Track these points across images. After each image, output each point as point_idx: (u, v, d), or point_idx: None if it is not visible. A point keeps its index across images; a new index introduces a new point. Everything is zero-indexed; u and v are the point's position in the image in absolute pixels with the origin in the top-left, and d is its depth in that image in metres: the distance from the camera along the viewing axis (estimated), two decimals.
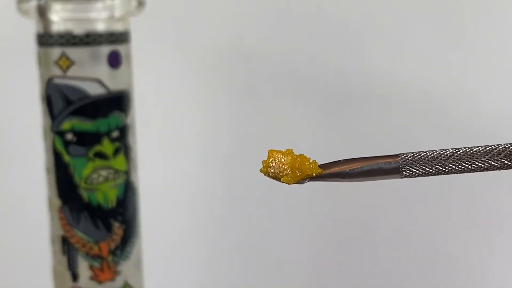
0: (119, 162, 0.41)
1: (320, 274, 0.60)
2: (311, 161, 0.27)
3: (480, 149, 0.26)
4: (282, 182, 0.27)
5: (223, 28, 0.56)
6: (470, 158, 0.26)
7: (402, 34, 0.55)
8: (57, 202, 0.41)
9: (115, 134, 0.40)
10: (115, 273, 0.42)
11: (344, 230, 0.59)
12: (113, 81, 0.40)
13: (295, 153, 0.27)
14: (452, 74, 0.55)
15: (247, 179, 0.58)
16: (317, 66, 0.56)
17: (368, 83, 0.56)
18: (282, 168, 0.27)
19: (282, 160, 0.27)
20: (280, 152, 0.27)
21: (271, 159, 0.27)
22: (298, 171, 0.26)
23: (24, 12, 0.40)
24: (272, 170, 0.27)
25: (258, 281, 0.60)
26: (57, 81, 0.39)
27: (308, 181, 0.27)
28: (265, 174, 0.27)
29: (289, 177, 0.26)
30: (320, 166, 0.27)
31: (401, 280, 0.59)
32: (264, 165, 0.27)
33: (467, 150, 0.26)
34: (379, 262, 0.59)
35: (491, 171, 0.26)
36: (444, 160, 0.26)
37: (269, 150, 0.27)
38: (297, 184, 0.27)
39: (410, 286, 0.59)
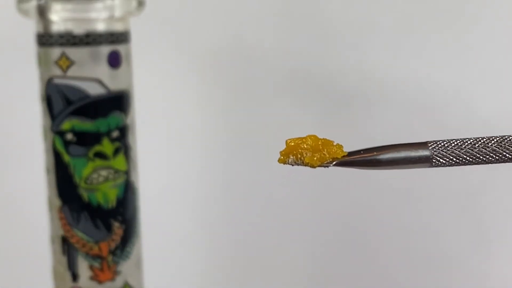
0: (119, 162, 0.41)
1: (321, 274, 0.60)
2: (335, 144, 0.26)
3: None
4: (306, 164, 0.25)
5: (223, 28, 0.56)
6: (502, 146, 0.25)
7: (402, 33, 0.55)
8: (57, 202, 0.41)
9: (115, 134, 0.40)
10: (115, 273, 0.42)
11: (345, 229, 0.59)
12: (113, 81, 0.40)
13: (316, 136, 0.26)
14: (452, 74, 0.55)
15: (247, 179, 0.58)
16: (317, 65, 0.56)
17: (368, 83, 0.56)
18: (304, 152, 0.26)
19: (303, 145, 0.26)
20: (298, 138, 0.26)
21: (296, 149, 0.25)
22: (324, 152, 0.26)
23: (24, 12, 0.40)
24: (291, 157, 0.26)
25: (258, 281, 0.60)
26: (57, 81, 0.39)
27: (334, 165, 0.26)
28: (284, 163, 0.26)
29: (315, 157, 0.25)
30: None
31: (400, 280, 0.59)
32: (282, 153, 0.26)
33: (499, 139, 0.25)
34: (379, 262, 0.59)
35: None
36: (475, 149, 0.25)
37: (286, 140, 0.26)
38: (322, 167, 0.26)
39: (410, 286, 0.59)
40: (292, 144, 0.26)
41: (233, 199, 0.59)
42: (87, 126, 0.39)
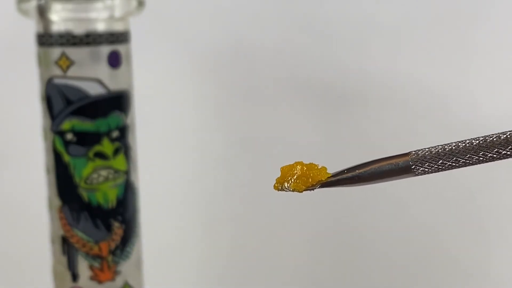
0: (119, 162, 0.41)
1: (319, 274, 0.60)
2: (319, 167, 0.27)
3: (489, 138, 0.25)
4: (293, 190, 0.27)
5: (223, 29, 0.56)
6: (485, 146, 0.25)
7: (402, 34, 0.55)
8: (57, 202, 0.41)
9: (115, 134, 0.40)
10: (115, 273, 0.42)
11: (344, 229, 0.59)
12: (113, 81, 0.40)
13: (302, 162, 0.27)
14: (452, 74, 0.56)
15: (246, 179, 0.58)
16: (317, 66, 0.56)
17: (368, 84, 0.56)
18: (293, 179, 0.27)
19: (294, 171, 0.27)
20: (291, 165, 0.27)
21: (287, 176, 0.27)
22: (307, 178, 0.26)
23: (24, 12, 0.40)
24: (286, 185, 0.27)
25: (258, 281, 0.60)
26: (57, 81, 0.39)
27: (319, 187, 0.26)
28: (278, 190, 0.27)
29: (300, 183, 0.27)
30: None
31: (400, 281, 0.59)
32: (278, 181, 0.27)
33: (482, 140, 0.25)
34: (378, 262, 0.59)
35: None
36: (457, 154, 0.25)
37: (281, 168, 0.27)
38: (308, 191, 0.27)
39: (410, 286, 0.59)
40: (286, 172, 0.27)
41: (233, 199, 0.59)
42: (87, 126, 0.39)
